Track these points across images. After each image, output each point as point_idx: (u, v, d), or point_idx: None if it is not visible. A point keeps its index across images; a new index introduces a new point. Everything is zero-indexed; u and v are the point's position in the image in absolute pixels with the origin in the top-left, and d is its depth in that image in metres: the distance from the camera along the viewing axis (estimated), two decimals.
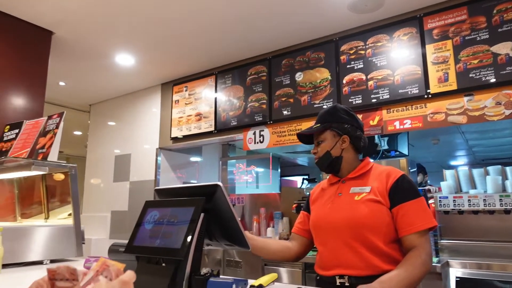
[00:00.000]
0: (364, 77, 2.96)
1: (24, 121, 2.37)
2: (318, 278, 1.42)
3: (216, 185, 1.25)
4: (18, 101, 2.80)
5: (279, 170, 5.05)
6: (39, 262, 1.82)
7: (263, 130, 3.44)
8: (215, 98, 3.78)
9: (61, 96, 4.75)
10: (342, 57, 3.10)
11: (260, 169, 4.89)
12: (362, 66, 2.99)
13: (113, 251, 1.38)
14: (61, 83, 4.34)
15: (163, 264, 1.18)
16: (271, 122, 3.38)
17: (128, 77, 4.12)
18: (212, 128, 3.73)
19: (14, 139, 2.31)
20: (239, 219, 1.28)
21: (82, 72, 4.03)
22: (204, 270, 1.19)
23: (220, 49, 3.49)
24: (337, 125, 1.49)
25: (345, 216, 1.36)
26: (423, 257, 1.21)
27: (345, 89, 3.04)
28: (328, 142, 1.49)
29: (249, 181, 4.55)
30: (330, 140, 1.49)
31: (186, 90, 4.05)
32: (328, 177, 1.60)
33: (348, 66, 3.06)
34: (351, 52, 3.06)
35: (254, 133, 3.48)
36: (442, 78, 2.62)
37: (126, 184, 4.30)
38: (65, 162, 2.04)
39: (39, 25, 3.02)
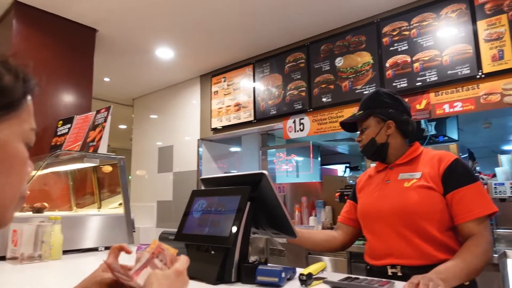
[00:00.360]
0: (409, 59, 2.82)
1: (75, 116, 2.50)
2: (368, 267, 1.39)
3: (262, 174, 1.25)
4: (68, 98, 2.95)
5: (319, 158, 4.98)
6: (95, 249, 1.92)
7: (303, 118, 3.39)
8: (254, 88, 3.78)
9: (106, 91, 4.95)
10: (384, 40, 2.97)
11: (300, 158, 4.85)
12: (406, 47, 2.84)
13: (163, 239, 1.42)
14: (106, 79, 4.52)
15: (212, 252, 1.21)
16: (311, 109, 3.32)
17: (168, 70, 4.21)
18: (252, 118, 3.74)
19: (66, 133, 2.44)
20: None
21: (125, 67, 4.16)
22: (252, 258, 1.20)
23: (258, 38, 3.47)
24: (380, 110, 1.43)
25: (394, 203, 1.31)
26: (483, 246, 1.14)
27: (389, 73, 2.92)
28: (372, 129, 1.44)
29: (289, 170, 4.54)
30: (374, 126, 1.43)
31: (224, 81, 4.07)
32: (375, 164, 1.55)
33: (391, 49, 2.93)
34: (394, 33, 2.92)
35: (294, 122, 3.45)
36: (497, 56, 2.43)
37: (170, 175, 4.43)
38: (114, 154, 2.13)
39: (84, 23, 3.15)
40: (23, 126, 0.51)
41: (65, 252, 1.73)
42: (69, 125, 2.48)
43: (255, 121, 3.71)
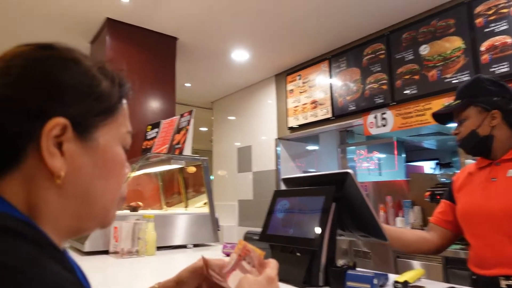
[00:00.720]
0: (509, 40, 2.49)
1: (161, 120, 2.67)
2: (474, 277, 1.24)
3: (346, 173, 1.19)
4: (154, 104, 3.17)
5: (404, 155, 4.66)
6: (183, 246, 2.03)
7: (385, 113, 3.20)
8: (330, 84, 3.67)
9: (187, 96, 5.24)
10: (477, 21, 2.66)
11: (383, 155, 4.59)
12: (506, 27, 2.51)
13: (248, 239, 1.43)
14: (187, 84, 4.78)
15: (298, 254, 1.18)
16: (394, 103, 3.12)
17: (244, 72, 4.30)
18: (329, 115, 3.64)
19: (155, 137, 2.63)
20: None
21: (204, 72, 4.35)
22: (340, 262, 1.15)
23: (332, 32, 3.36)
24: (483, 98, 1.26)
25: (504, 204, 1.15)
26: None
27: (485, 57, 2.60)
28: (472, 120, 1.28)
29: (371, 168, 4.32)
30: (475, 117, 1.28)
31: (299, 79, 4.03)
32: (472, 160, 1.38)
33: (486, 30, 2.61)
34: (490, 12, 2.60)
35: (375, 117, 3.27)
36: None
37: (250, 175, 4.52)
38: (198, 155, 2.22)
39: (165, 33, 3.36)
40: (120, 129, 0.52)
41: (158, 248, 1.85)
42: (156, 129, 2.66)
43: (333, 118, 3.61)
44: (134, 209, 2.16)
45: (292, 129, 4.07)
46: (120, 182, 0.52)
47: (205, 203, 2.23)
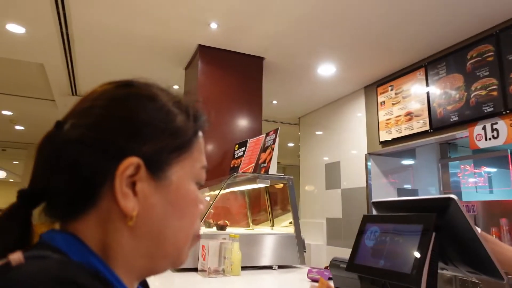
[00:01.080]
0: None
1: (248, 139, 2.71)
2: None
3: (449, 199, 1.03)
4: (242, 122, 3.26)
5: None
6: (269, 267, 1.99)
7: (496, 123, 2.79)
8: (427, 93, 3.35)
9: (274, 113, 5.30)
10: None
11: (493, 169, 4.01)
12: None
13: (334, 266, 1.34)
14: (274, 102, 4.84)
15: None
16: (508, 111, 2.70)
17: (331, 86, 4.19)
18: (427, 127, 3.31)
19: (242, 156, 2.68)
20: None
21: (290, 88, 4.36)
22: None
23: (428, 36, 3.08)
24: None
25: None
26: None
27: None
28: None
29: (479, 185, 3.80)
30: None
31: (391, 90, 3.77)
32: None
33: None
34: None
35: (484, 128, 2.87)
36: None
37: (338, 191, 4.34)
38: (283, 174, 2.19)
39: (252, 54, 3.45)
40: (194, 165, 0.50)
41: (243, 268, 1.85)
42: (243, 148, 2.71)
43: (431, 130, 3.27)
44: (222, 227, 2.21)
45: (384, 143, 3.80)
46: (194, 220, 0.50)
47: (290, 223, 2.18)
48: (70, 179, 0.42)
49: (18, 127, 6.78)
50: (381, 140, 3.81)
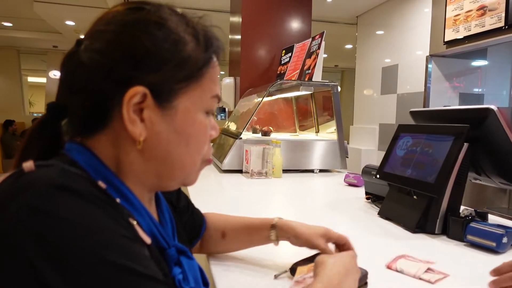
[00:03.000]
0: None
1: (294, 44, 2.62)
2: None
3: (487, 109, 0.98)
4: (289, 25, 3.09)
5: None
6: (311, 171, 2.10)
7: None
8: None
9: (329, 12, 4.91)
10: None
11: None
12: None
13: (366, 172, 1.38)
14: (328, 0, 4.45)
15: (415, 197, 1.08)
16: None
17: None
18: (501, 23, 2.90)
19: (288, 62, 2.62)
20: None
21: None
22: (465, 211, 1.01)
23: None
24: None
25: None
26: None
27: None
28: None
29: None
30: None
31: None
32: None
33: None
34: None
35: None
36: None
37: (394, 97, 4.16)
38: (327, 81, 2.15)
39: None
40: (204, 95, 0.51)
41: (285, 171, 1.97)
42: (290, 54, 2.64)
43: (506, 27, 2.86)
44: (266, 133, 2.30)
45: (449, 43, 3.43)
46: (201, 147, 0.52)
47: (335, 129, 2.20)
48: (83, 100, 0.46)
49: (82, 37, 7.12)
50: (446, 39, 3.43)
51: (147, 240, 0.45)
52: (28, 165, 0.40)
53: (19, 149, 0.48)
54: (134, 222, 0.45)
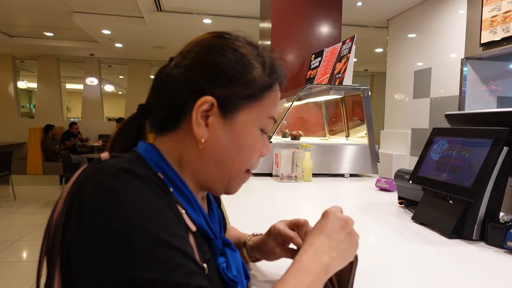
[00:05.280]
0: None
1: (324, 49, 2.62)
2: None
3: None
4: (319, 30, 3.09)
5: None
6: (341, 175, 2.08)
7: None
8: None
9: (359, 16, 4.87)
10: None
11: None
12: None
13: (399, 176, 1.36)
14: (358, 4, 4.42)
15: (451, 202, 1.06)
16: None
17: None
18: None
19: (317, 66, 2.62)
20: None
21: None
22: (505, 217, 0.98)
23: None
24: None
25: None
26: None
27: None
28: None
29: None
30: None
31: None
32: None
33: None
34: None
35: None
36: None
37: (427, 101, 4.05)
38: (358, 85, 2.13)
39: None
40: (262, 113, 0.59)
41: (315, 175, 1.97)
42: (319, 58, 2.64)
43: None
44: (295, 137, 2.31)
45: (486, 45, 3.32)
46: (249, 158, 0.60)
47: (366, 134, 2.18)
48: (165, 104, 0.56)
49: (117, 45, 7.40)
50: (482, 41, 3.32)
51: (193, 227, 0.52)
52: (104, 155, 0.52)
53: (111, 138, 0.60)
54: (183, 211, 0.51)
